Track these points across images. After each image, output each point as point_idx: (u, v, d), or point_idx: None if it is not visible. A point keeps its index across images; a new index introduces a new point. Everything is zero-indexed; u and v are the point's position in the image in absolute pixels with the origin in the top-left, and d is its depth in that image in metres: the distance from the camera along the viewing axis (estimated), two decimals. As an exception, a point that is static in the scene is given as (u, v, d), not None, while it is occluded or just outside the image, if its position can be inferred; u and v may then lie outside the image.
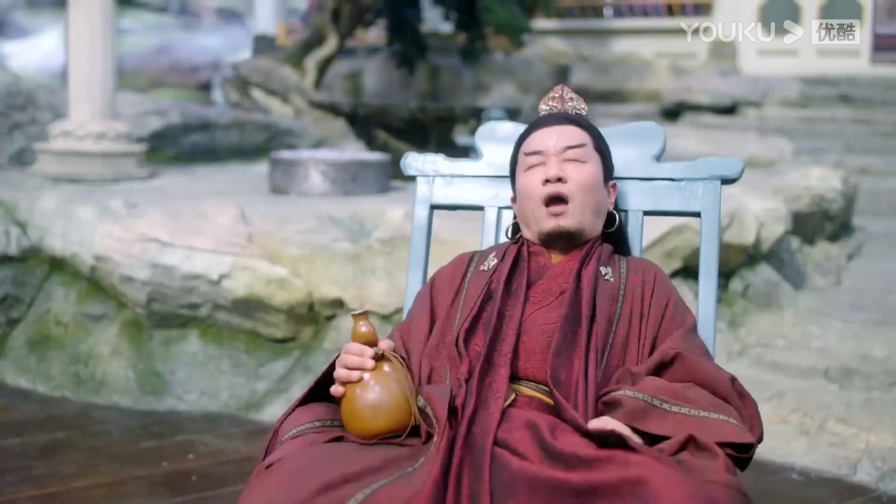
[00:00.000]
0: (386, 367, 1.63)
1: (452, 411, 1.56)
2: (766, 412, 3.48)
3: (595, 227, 1.93)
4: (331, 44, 10.66)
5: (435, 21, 12.43)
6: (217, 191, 6.00)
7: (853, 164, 9.15)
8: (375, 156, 6.66)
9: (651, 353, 1.76)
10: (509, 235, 2.05)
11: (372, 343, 1.65)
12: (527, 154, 1.95)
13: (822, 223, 6.21)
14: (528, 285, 1.84)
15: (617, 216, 1.99)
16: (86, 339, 4.42)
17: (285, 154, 6.54)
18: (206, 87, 13.82)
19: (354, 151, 7.64)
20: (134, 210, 4.73)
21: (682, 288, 4.38)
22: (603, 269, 1.86)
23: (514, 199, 2.02)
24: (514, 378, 1.71)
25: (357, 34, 12.33)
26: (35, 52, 14.29)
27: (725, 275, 4.93)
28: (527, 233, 1.96)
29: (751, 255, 5.03)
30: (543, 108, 2.05)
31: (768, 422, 1.68)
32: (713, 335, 1.95)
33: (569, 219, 1.87)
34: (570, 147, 1.91)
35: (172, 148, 7.85)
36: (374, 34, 13.71)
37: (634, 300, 1.83)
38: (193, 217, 4.56)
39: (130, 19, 15.47)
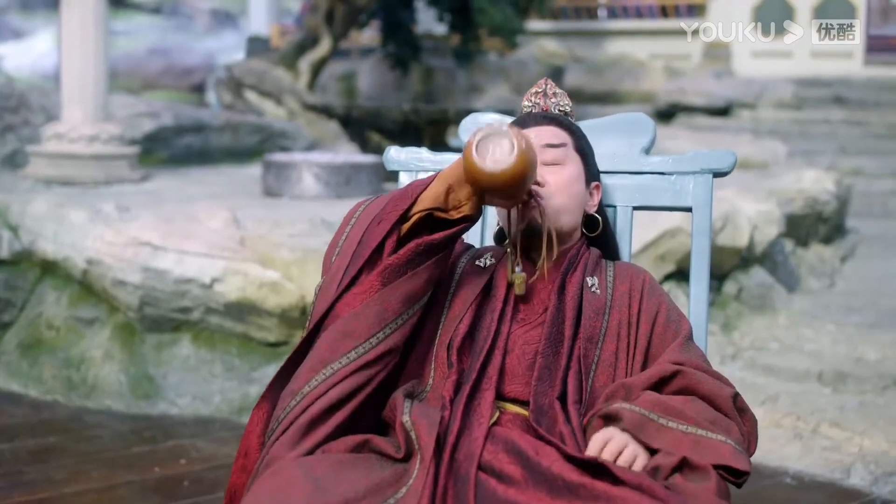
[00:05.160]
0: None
1: (440, 437, 1.53)
2: (760, 416, 3.48)
3: (573, 230, 1.87)
4: (324, 45, 10.65)
5: (429, 22, 12.44)
6: (210, 193, 5.98)
7: (846, 165, 9.15)
8: (369, 158, 6.65)
9: (644, 363, 1.72)
10: (496, 242, 1.99)
11: None
12: None
13: (815, 225, 6.22)
14: (516, 302, 1.78)
15: (600, 220, 1.92)
16: (77, 342, 4.40)
17: (278, 157, 6.54)
18: (199, 89, 13.83)
19: (348, 153, 7.65)
20: (126, 213, 4.71)
21: (675, 291, 4.38)
22: (589, 280, 1.80)
23: None
24: (498, 397, 1.67)
25: (351, 35, 12.32)
26: (29, 53, 14.28)
27: (719, 277, 4.93)
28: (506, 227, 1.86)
29: (744, 258, 5.03)
30: (526, 104, 1.99)
31: (762, 426, 1.66)
32: (705, 333, 1.93)
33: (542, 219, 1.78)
34: (549, 145, 1.84)
35: (165, 150, 7.83)
36: (368, 35, 13.72)
37: (622, 311, 1.77)
38: (186, 221, 4.55)
39: (123, 21, 15.46)
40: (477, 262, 1.84)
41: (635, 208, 2.04)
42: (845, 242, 6.70)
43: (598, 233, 1.92)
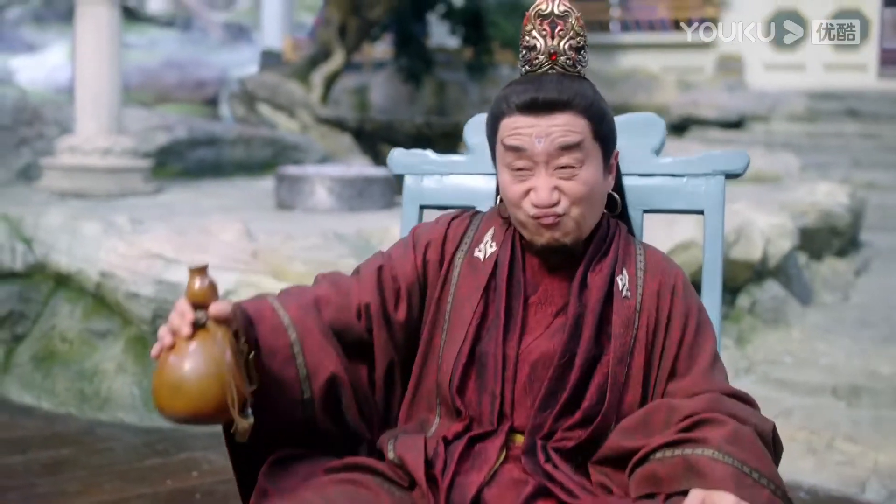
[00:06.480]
0: (202, 338, 1.33)
1: (431, 464, 1.46)
2: (774, 430, 3.46)
3: (594, 225, 1.60)
4: (337, 59, 10.69)
5: (441, 36, 12.47)
6: (223, 206, 5.99)
7: (860, 178, 9.13)
8: (381, 171, 6.65)
9: (672, 373, 1.53)
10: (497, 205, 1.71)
11: (201, 305, 1.34)
12: (508, 148, 1.53)
13: (829, 239, 6.20)
14: (525, 305, 1.57)
15: (619, 200, 1.68)
16: (91, 355, 4.41)
17: (291, 170, 6.55)
18: (212, 102, 13.85)
19: (360, 167, 7.65)
20: (139, 226, 4.72)
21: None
22: (620, 280, 1.56)
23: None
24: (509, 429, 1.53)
25: (363, 49, 12.37)
26: (42, 66, 14.32)
27: (732, 291, 4.91)
28: (517, 228, 1.60)
29: (758, 272, 5.02)
30: (527, 43, 1.59)
31: None
32: (717, 342, 1.79)
33: (566, 234, 1.53)
34: (563, 148, 1.50)
35: (178, 163, 7.86)
36: (381, 49, 13.75)
37: (650, 313, 1.55)
38: (198, 233, 4.56)
39: (136, 34, 15.53)
40: (476, 254, 1.63)
41: (645, 211, 1.93)
42: (859, 256, 6.68)
43: (616, 213, 1.69)
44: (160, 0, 21.08)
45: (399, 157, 2.07)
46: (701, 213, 1.90)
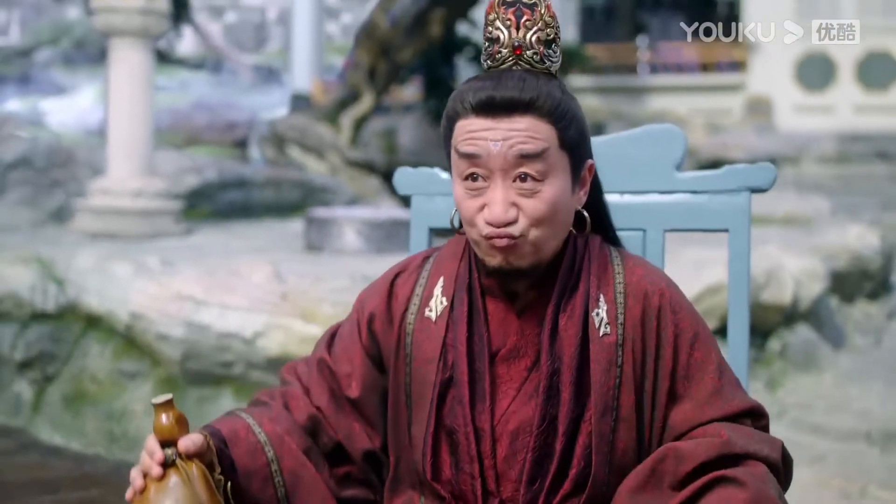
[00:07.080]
0: (173, 478, 1.28)
1: None
2: (806, 476, 3.42)
3: (557, 247, 1.41)
4: (366, 101, 10.74)
5: (470, 78, 12.54)
6: (252, 248, 6.02)
7: (891, 221, 9.05)
8: (409, 214, 6.67)
9: (668, 405, 1.38)
10: (455, 224, 1.50)
11: (170, 441, 1.30)
12: (461, 155, 1.37)
13: (860, 282, 6.15)
14: (492, 359, 1.40)
15: (588, 218, 1.45)
16: (120, 396, 4.42)
17: (320, 212, 6.57)
18: (242, 144, 13.97)
19: (389, 209, 7.67)
20: (169, 268, 4.75)
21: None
22: (596, 317, 1.39)
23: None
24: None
25: (392, 91, 12.43)
26: (72, 109, 14.49)
27: (763, 334, 4.88)
28: (472, 246, 1.43)
29: (788, 315, 4.98)
30: (490, 33, 1.38)
31: (808, 486, 1.51)
32: (746, 364, 1.70)
33: (521, 258, 1.36)
34: (524, 156, 1.32)
35: (209, 205, 7.92)
36: (410, 91, 13.84)
37: (636, 344, 1.38)
38: (228, 275, 4.58)
39: (167, 76, 15.69)
40: (427, 314, 1.46)
41: (666, 231, 1.81)
42: (891, 299, 6.62)
43: (585, 231, 1.46)
44: (191, 42, 21.35)
45: (406, 176, 1.94)
46: (725, 231, 1.77)
